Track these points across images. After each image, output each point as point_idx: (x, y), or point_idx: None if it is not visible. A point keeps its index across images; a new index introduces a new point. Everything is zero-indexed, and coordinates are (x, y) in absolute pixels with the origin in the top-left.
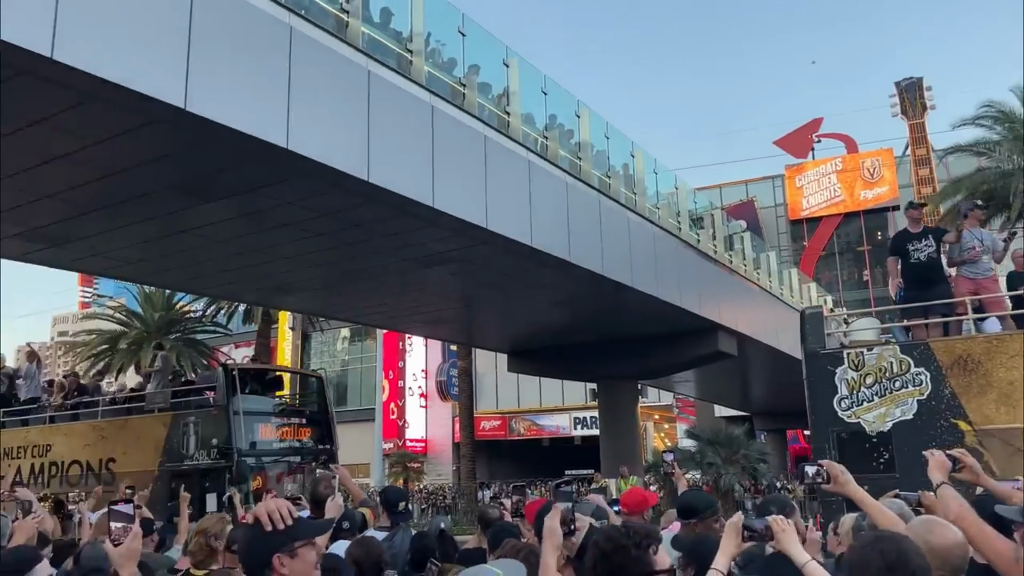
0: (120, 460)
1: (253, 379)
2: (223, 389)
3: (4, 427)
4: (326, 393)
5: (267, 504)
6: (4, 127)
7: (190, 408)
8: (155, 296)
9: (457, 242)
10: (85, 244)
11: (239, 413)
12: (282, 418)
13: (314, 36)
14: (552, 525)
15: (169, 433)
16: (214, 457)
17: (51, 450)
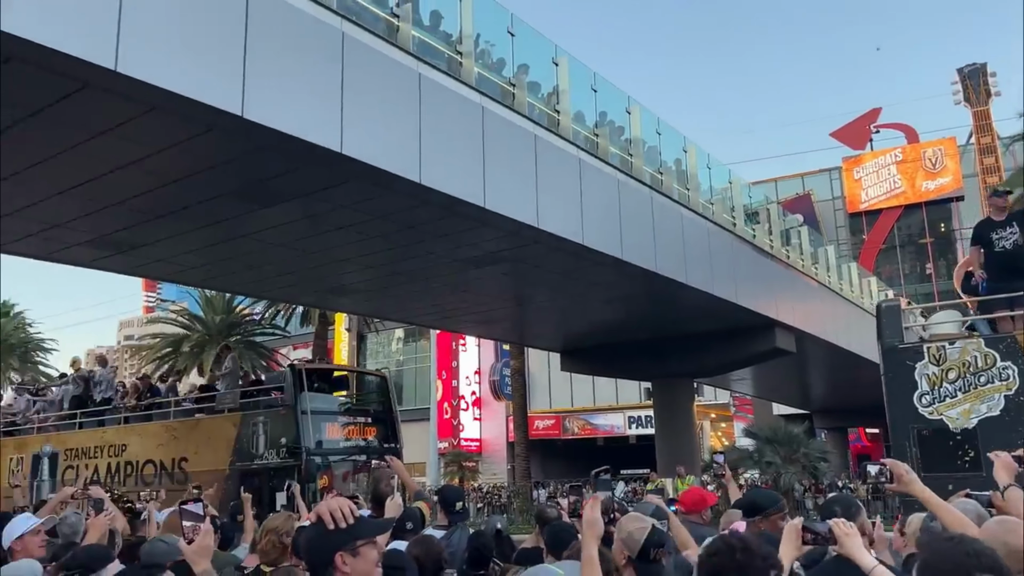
0: (192, 459)
1: (319, 378)
2: (291, 389)
3: (82, 427)
4: (390, 392)
5: (329, 503)
6: (75, 138)
7: (259, 408)
8: (216, 300)
9: (508, 242)
10: (149, 250)
11: (307, 412)
12: (348, 417)
13: (366, 41)
14: (593, 516)
15: (239, 433)
16: (283, 456)
17: (126, 450)
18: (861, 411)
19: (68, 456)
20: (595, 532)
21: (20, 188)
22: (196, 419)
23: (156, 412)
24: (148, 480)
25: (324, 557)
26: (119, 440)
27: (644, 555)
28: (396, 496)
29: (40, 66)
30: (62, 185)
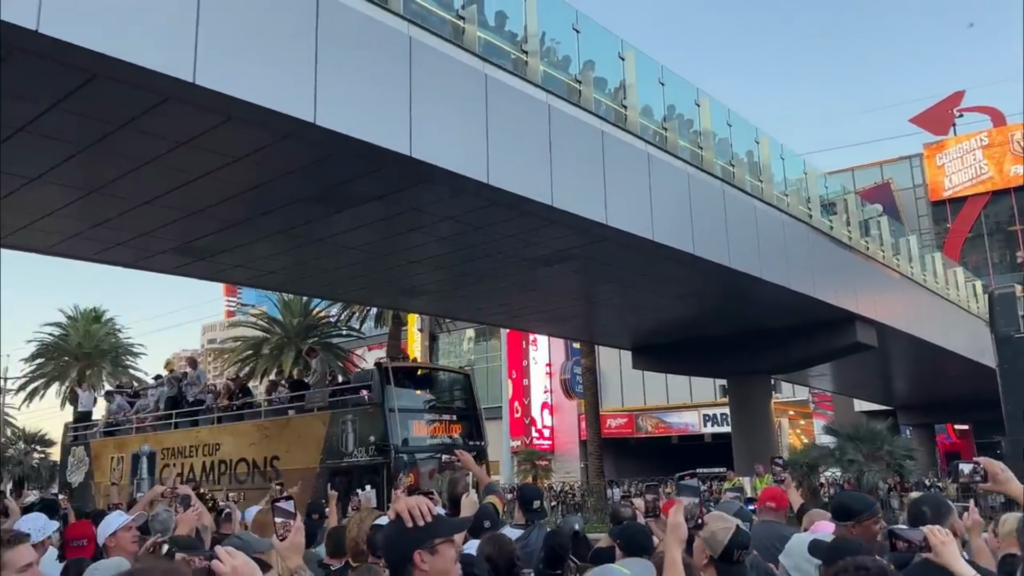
0: (284, 458)
1: (405, 376)
2: (378, 387)
3: (177, 427)
4: (474, 390)
5: (407, 501)
6: (157, 150)
7: (347, 407)
8: (293, 303)
9: (577, 239)
10: (229, 256)
11: (394, 410)
12: (433, 415)
13: (432, 44)
14: (677, 520)
15: (328, 431)
16: (371, 454)
17: (220, 449)
18: (949, 406)
19: (165, 455)
20: (678, 536)
21: (110, 199)
22: (286, 418)
23: (247, 412)
24: (241, 479)
25: (403, 555)
26: (213, 439)
27: (727, 556)
28: (472, 494)
29: (123, 81)
30: (146, 196)
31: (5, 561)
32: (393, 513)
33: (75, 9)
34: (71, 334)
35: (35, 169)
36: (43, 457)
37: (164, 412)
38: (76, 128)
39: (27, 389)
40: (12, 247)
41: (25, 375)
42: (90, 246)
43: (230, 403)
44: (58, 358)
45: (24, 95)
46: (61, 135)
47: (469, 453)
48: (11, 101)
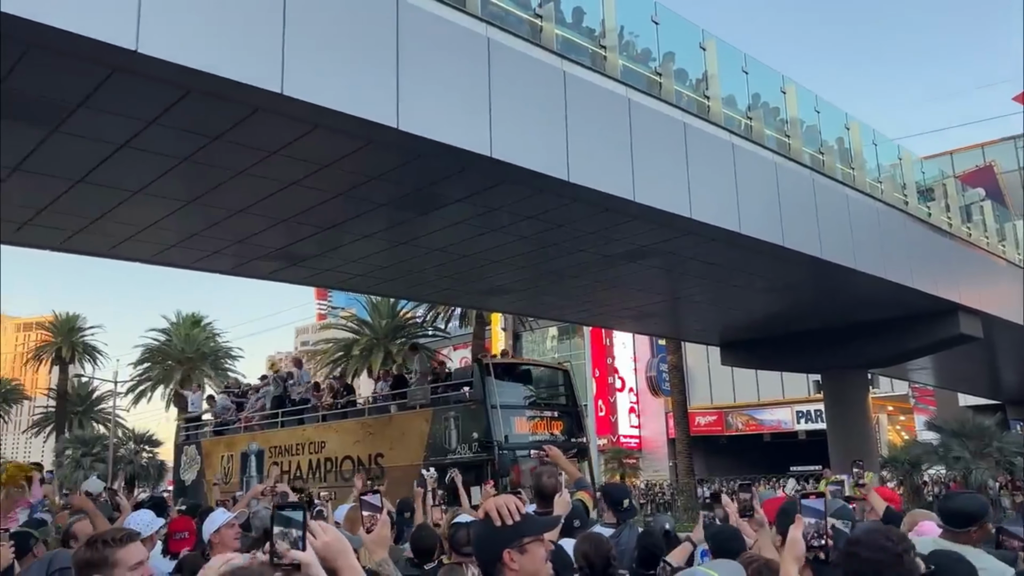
0: (388, 455)
1: (505, 373)
2: (480, 383)
3: (283, 426)
4: (573, 385)
5: (496, 499)
6: (248, 161)
7: (449, 404)
8: (381, 305)
9: (661, 234)
10: (319, 261)
11: (496, 407)
12: (535, 411)
13: (510, 44)
14: (795, 536)
15: (431, 428)
16: (475, 451)
17: (325, 447)
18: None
19: (272, 453)
20: (795, 553)
21: (206, 209)
22: (389, 416)
23: (351, 410)
24: (347, 476)
25: (492, 554)
26: (318, 437)
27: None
28: (564, 494)
29: (215, 95)
30: (240, 205)
31: (118, 559)
32: (483, 511)
33: (170, 27)
34: (173, 339)
35: (136, 183)
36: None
37: (270, 411)
38: (172, 143)
39: (135, 392)
40: (118, 257)
41: (133, 379)
42: (189, 254)
43: (334, 401)
44: (162, 362)
45: (124, 113)
46: (159, 150)
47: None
48: (112, 119)
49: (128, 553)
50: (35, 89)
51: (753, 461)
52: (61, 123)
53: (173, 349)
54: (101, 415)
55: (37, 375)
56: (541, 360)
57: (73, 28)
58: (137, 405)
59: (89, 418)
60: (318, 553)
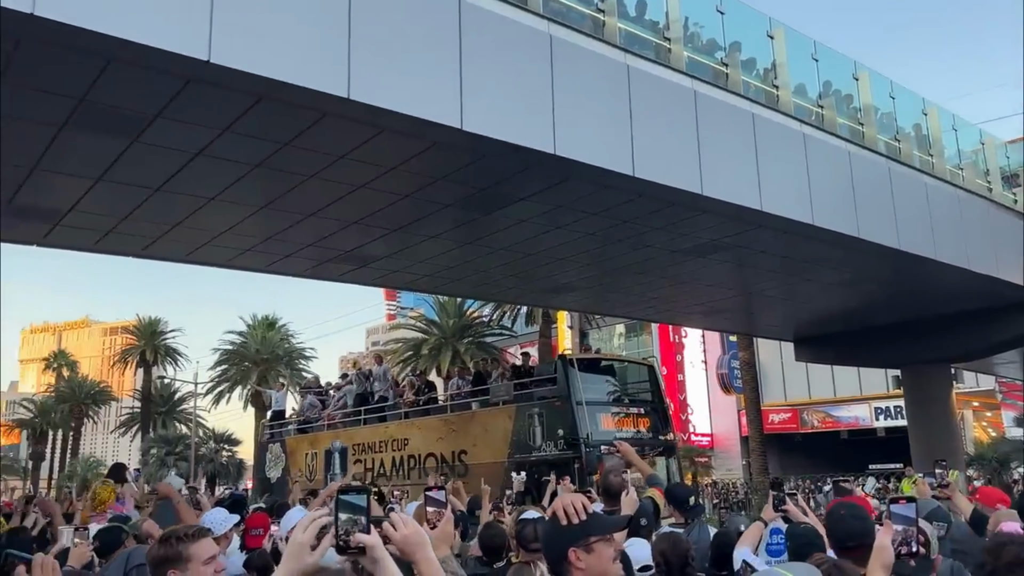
0: (471, 452)
1: (589, 368)
2: (563, 379)
3: (366, 424)
4: (659, 381)
5: (563, 498)
6: (317, 166)
7: (533, 400)
8: (448, 304)
9: (730, 228)
10: (388, 262)
11: (582, 403)
12: (621, 408)
13: (573, 40)
14: (884, 542)
15: (515, 425)
16: (561, 448)
17: (408, 444)
18: None
19: (356, 451)
20: (882, 560)
21: (278, 214)
22: (472, 412)
23: (433, 407)
24: (430, 473)
25: (559, 552)
26: (401, 435)
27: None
28: (632, 492)
29: (286, 101)
30: (310, 209)
31: (191, 554)
32: (550, 510)
33: (241, 37)
34: (249, 341)
35: (212, 190)
36: (231, 455)
37: (353, 408)
38: (245, 149)
39: (214, 393)
40: (195, 262)
41: (212, 380)
42: (262, 258)
43: (416, 398)
44: (239, 363)
45: (199, 122)
46: (232, 157)
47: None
48: (188, 128)
49: (200, 548)
50: (115, 102)
51: (830, 459)
52: (140, 134)
53: (249, 351)
54: (183, 415)
55: (123, 377)
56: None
57: (149, 41)
58: (217, 405)
59: (172, 418)
60: (397, 545)
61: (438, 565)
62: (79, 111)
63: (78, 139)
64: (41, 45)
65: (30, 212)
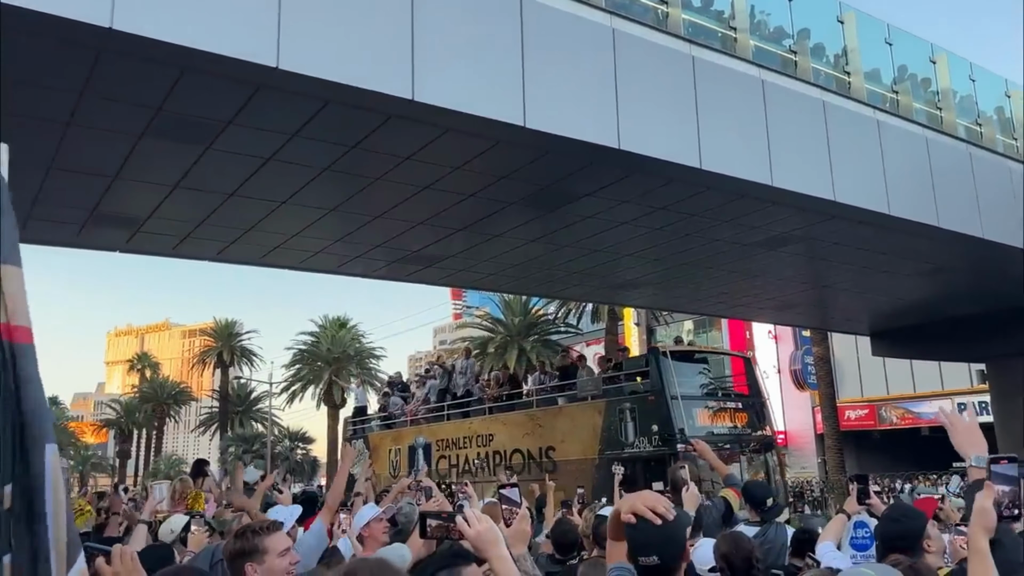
0: (559, 448)
1: (683, 361)
2: (657, 373)
3: (449, 419)
4: (756, 374)
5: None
6: (383, 168)
7: (623, 394)
8: (514, 303)
9: (801, 220)
10: (454, 261)
11: (677, 397)
12: (717, 402)
13: (635, 33)
14: (985, 505)
15: (605, 420)
16: (655, 444)
17: (493, 439)
18: None
19: (440, 447)
20: (984, 523)
21: (346, 216)
22: (559, 407)
23: (518, 402)
24: (517, 470)
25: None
26: (485, 430)
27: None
28: (692, 487)
29: (352, 105)
30: (377, 210)
31: (267, 546)
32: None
33: (307, 43)
34: (321, 341)
35: (283, 194)
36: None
37: (436, 404)
38: (313, 154)
39: (288, 392)
40: (268, 265)
41: (286, 380)
42: (333, 260)
43: (500, 393)
44: (312, 363)
45: (269, 128)
46: (301, 161)
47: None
48: (259, 134)
49: (275, 541)
50: (190, 110)
51: (911, 457)
52: (213, 141)
53: (321, 351)
54: (259, 414)
55: (202, 378)
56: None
57: (221, 50)
58: (290, 404)
59: (248, 417)
60: (471, 542)
61: (511, 563)
62: (156, 121)
63: (155, 148)
64: (119, 58)
65: (112, 220)
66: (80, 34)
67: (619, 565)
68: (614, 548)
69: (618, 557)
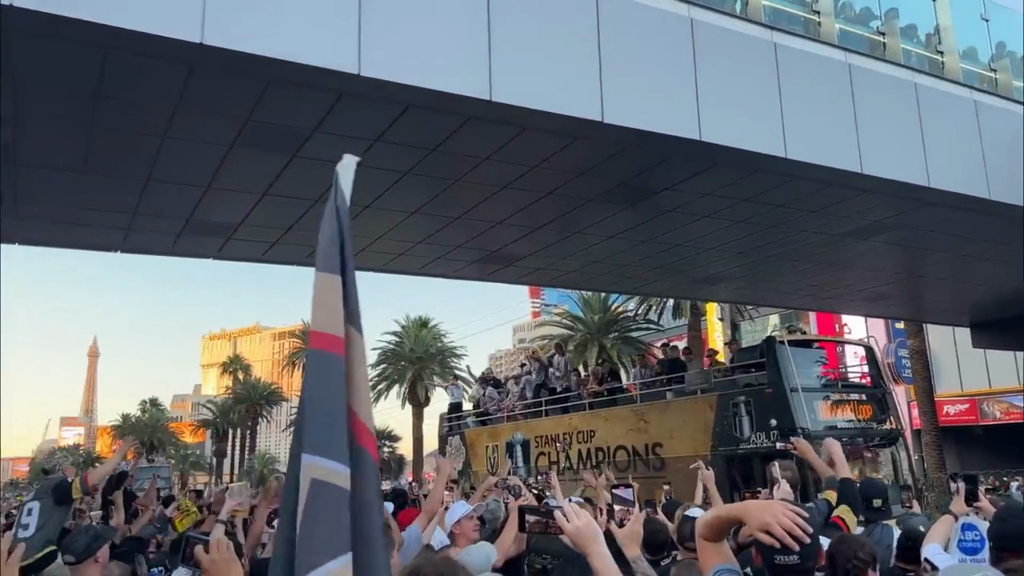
0: (667, 445)
1: (802, 351)
2: (775, 364)
3: (547, 415)
4: (879, 364)
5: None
6: (461, 170)
7: (737, 387)
8: (593, 300)
9: (894, 207)
10: (531, 260)
11: (797, 390)
12: (840, 393)
13: (714, 22)
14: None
15: (717, 415)
16: (775, 439)
17: (595, 436)
18: None
19: (538, 443)
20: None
21: (427, 218)
22: (666, 402)
23: (620, 396)
24: (622, 467)
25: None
26: (586, 426)
27: None
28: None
29: (432, 108)
30: (457, 212)
31: None
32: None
33: (388, 49)
34: (404, 341)
35: (365, 199)
36: (391, 451)
37: (533, 400)
38: (394, 158)
39: (374, 391)
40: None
41: (371, 379)
42: (416, 261)
43: (600, 388)
44: (396, 363)
45: (352, 134)
46: (383, 165)
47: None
48: (342, 140)
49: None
50: (276, 120)
51: (1017, 453)
52: (299, 149)
53: (404, 350)
54: None
55: (292, 379)
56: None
57: (306, 60)
58: (376, 403)
59: None
60: (570, 537)
61: (611, 559)
62: (245, 131)
63: (245, 158)
64: (210, 72)
65: (206, 228)
66: (174, 50)
67: (725, 567)
68: (711, 550)
69: (715, 559)
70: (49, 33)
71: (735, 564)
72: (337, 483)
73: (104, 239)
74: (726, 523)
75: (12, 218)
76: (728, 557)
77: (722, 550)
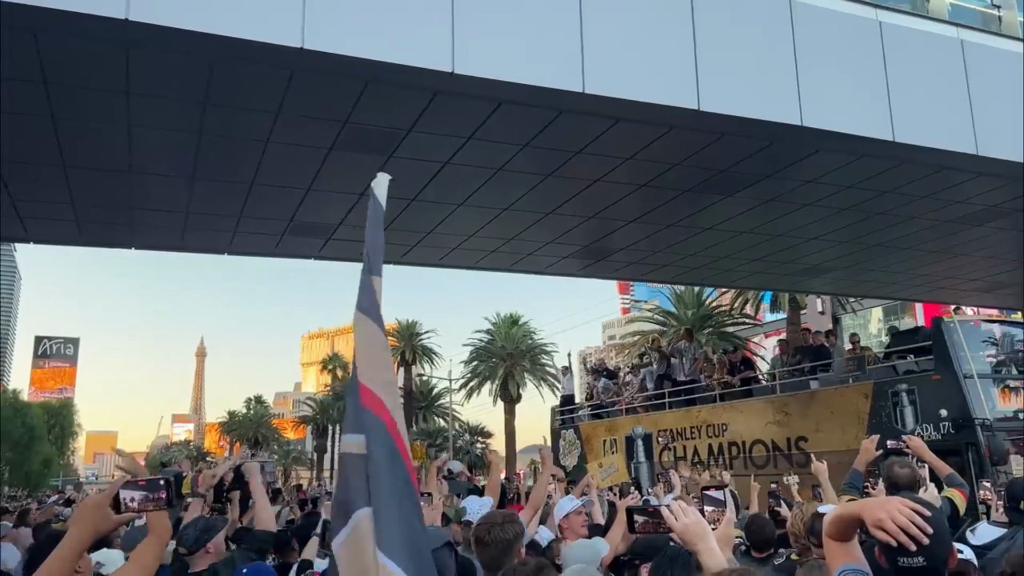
0: (813, 439)
1: (974, 333)
2: (944, 348)
3: (671, 408)
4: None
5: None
6: (553, 164)
7: (897, 374)
8: (685, 295)
9: (1012, 190)
10: (624, 255)
11: (972, 376)
12: (1021, 380)
13: (813, 2)
14: None
15: (873, 405)
16: (945, 432)
17: (727, 429)
18: None
19: (663, 437)
20: None
21: (520, 215)
22: (811, 392)
23: (756, 387)
24: (759, 463)
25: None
26: (717, 419)
27: None
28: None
29: (523, 103)
30: (550, 207)
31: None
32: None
33: (481, 46)
34: (496, 338)
35: (459, 197)
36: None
37: (654, 392)
38: (487, 155)
39: (467, 388)
40: (446, 266)
41: (464, 376)
42: (506, 258)
43: (732, 379)
44: (487, 360)
45: (446, 133)
46: (476, 163)
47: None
48: (437, 139)
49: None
50: (373, 121)
51: None
52: (395, 149)
53: (496, 347)
54: (440, 410)
55: None
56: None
57: (402, 60)
58: (469, 400)
59: (431, 412)
60: (678, 534)
61: (720, 555)
62: (343, 133)
63: (343, 159)
64: (310, 75)
65: (307, 229)
66: (276, 56)
67: (851, 567)
68: (838, 549)
69: (842, 558)
70: (165, 47)
71: (864, 565)
72: (354, 452)
73: (213, 242)
74: (847, 521)
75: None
76: (856, 557)
77: (850, 550)
